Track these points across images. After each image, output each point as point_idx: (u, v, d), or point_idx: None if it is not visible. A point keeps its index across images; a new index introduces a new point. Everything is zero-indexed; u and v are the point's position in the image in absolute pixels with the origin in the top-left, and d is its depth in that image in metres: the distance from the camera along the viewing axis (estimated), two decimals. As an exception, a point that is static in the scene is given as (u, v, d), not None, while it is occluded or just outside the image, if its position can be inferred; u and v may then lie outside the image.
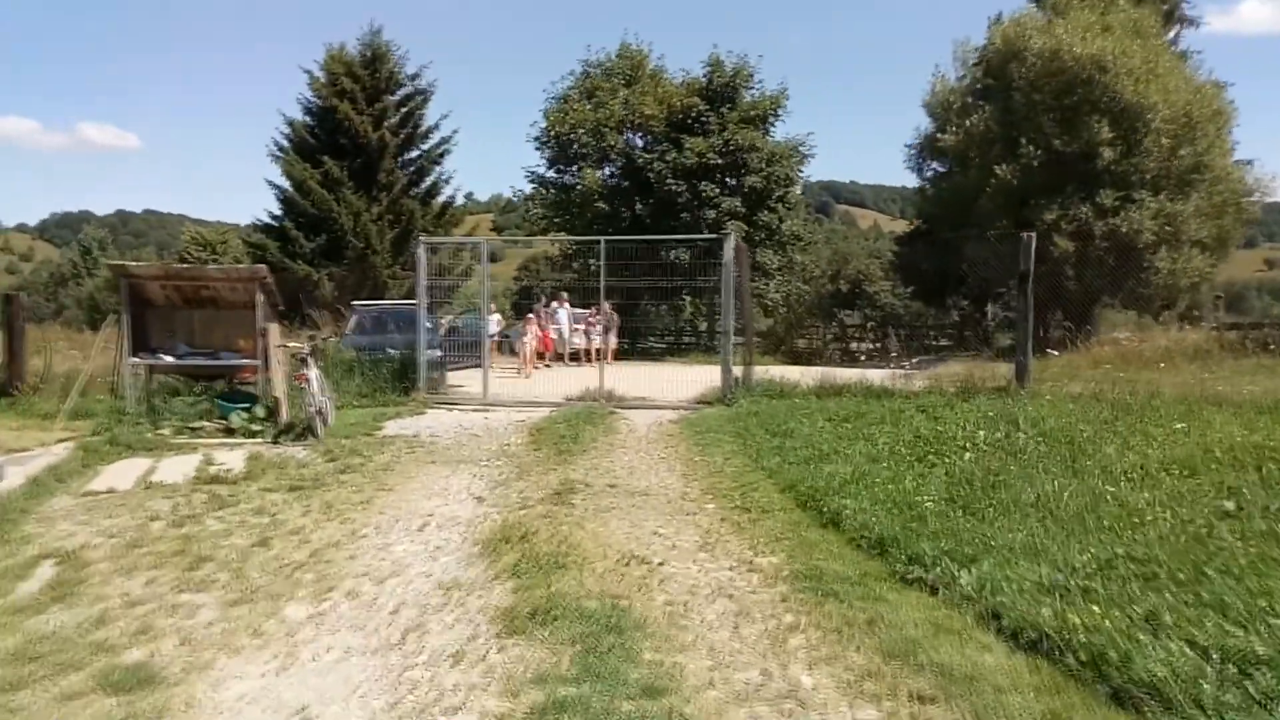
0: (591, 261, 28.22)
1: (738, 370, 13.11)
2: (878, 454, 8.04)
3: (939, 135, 26.07)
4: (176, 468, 8.94)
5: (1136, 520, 5.14)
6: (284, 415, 11.14)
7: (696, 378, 14.72)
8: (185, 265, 11.99)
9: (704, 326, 35.48)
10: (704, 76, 29.75)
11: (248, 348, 11.89)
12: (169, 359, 11.34)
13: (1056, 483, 6.15)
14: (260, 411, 11.31)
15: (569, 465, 8.95)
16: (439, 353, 15.88)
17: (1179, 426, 7.89)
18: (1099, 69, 22.48)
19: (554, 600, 4.70)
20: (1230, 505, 5.38)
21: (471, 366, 16.30)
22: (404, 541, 6.29)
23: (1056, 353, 22.13)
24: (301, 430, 10.93)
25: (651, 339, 31.92)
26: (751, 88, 29.70)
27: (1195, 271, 24.52)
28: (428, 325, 15.19)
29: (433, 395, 14.16)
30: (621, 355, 21.33)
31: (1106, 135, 22.48)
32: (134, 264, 11.46)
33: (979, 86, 26.16)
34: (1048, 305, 27.86)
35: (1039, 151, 23.37)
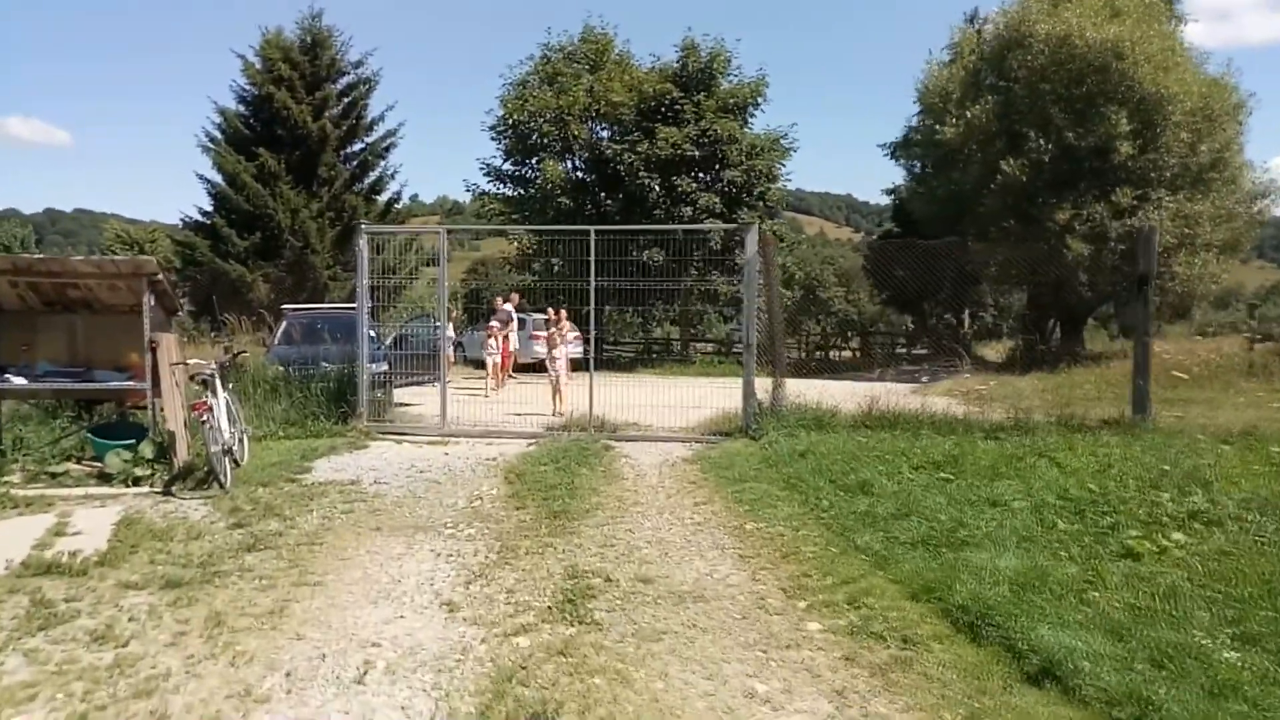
0: (554, 261, 25.60)
1: (762, 392, 10.62)
2: (1030, 530, 5.60)
3: (936, 127, 23.90)
4: (6, 541, 6.20)
5: None
6: (180, 456, 8.39)
7: (694, 398, 12.23)
8: (41, 256, 9.12)
9: (676, 334, 33.06)
10: (677, 61, 27.21)
11: (140, 364, 9.12)
12: (19, 380, 8.48)
13: None
14: (147, 450, 8.53)
15: (572, 537, 6.37)
16: (384, 367, 13.13)
17: None
18: (1115, 55, 20.41)
19: None
20: None
21: (423, 382, 13.60)
22: (331, 713, 3.69)
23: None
24: (203, 476, 8.21)
25: (612, 346, 29.43)
26: (730, 74, 27.28)
27: (1211, 278, 22.67)
28: (371, 334, 12.48)
29: (377, 423, 11.43)
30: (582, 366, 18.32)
31: (1125, 128, 20.43)
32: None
33: (979, 75, 24.02)
34: (1050, 312, 25.99)
35: (1049, 145, 21.29)
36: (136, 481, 8.16)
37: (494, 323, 17.88)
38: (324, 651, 4.35)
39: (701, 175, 26.55)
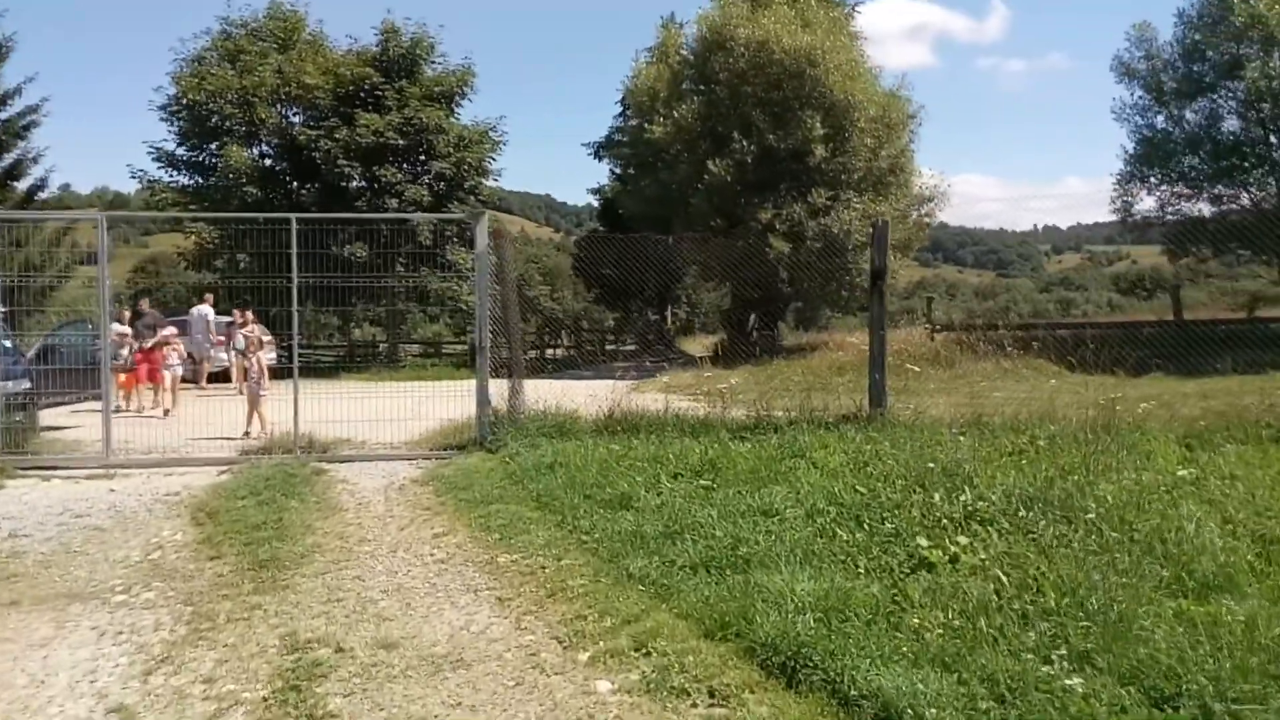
0: (241, 256, 22.97)
1: (496, 396, 9.71)
2: (812, 543, 5.19)
3: (645, 126, 24.10)
4: None
5: None
6: None
7: (412, 406, 11.06)
8: None
9: (378, 335, 31.08)
10: (377, 45, 25.43)
11: None
12: None
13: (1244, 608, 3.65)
14: None
15: (286, 593, 5.16)
16: (27, 384, 10.75)
17: (1183, 473, 5.90)
18: (809, 63, 21.56)
19: None
20: None
21: (80, 401, 11.34)
22: None
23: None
24: None
25: (310, 350, 27.14)
26: (434, 61, 25.91)
27: (890, 274, 24.63)
28: (7, 344, 10.16)
29: (16, 455, 9.20)
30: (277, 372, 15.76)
31: (819, 132, 21.71)
32: None
33: (681, 76, 24.54)
34: (752, 307, 27.18)
35: (751, 147, 22.12)
36: None
37: (171, 328, 15.49)
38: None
39: (407, 166, 25.04)
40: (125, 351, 14.08)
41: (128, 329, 15.01)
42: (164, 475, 8.79)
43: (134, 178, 26.61)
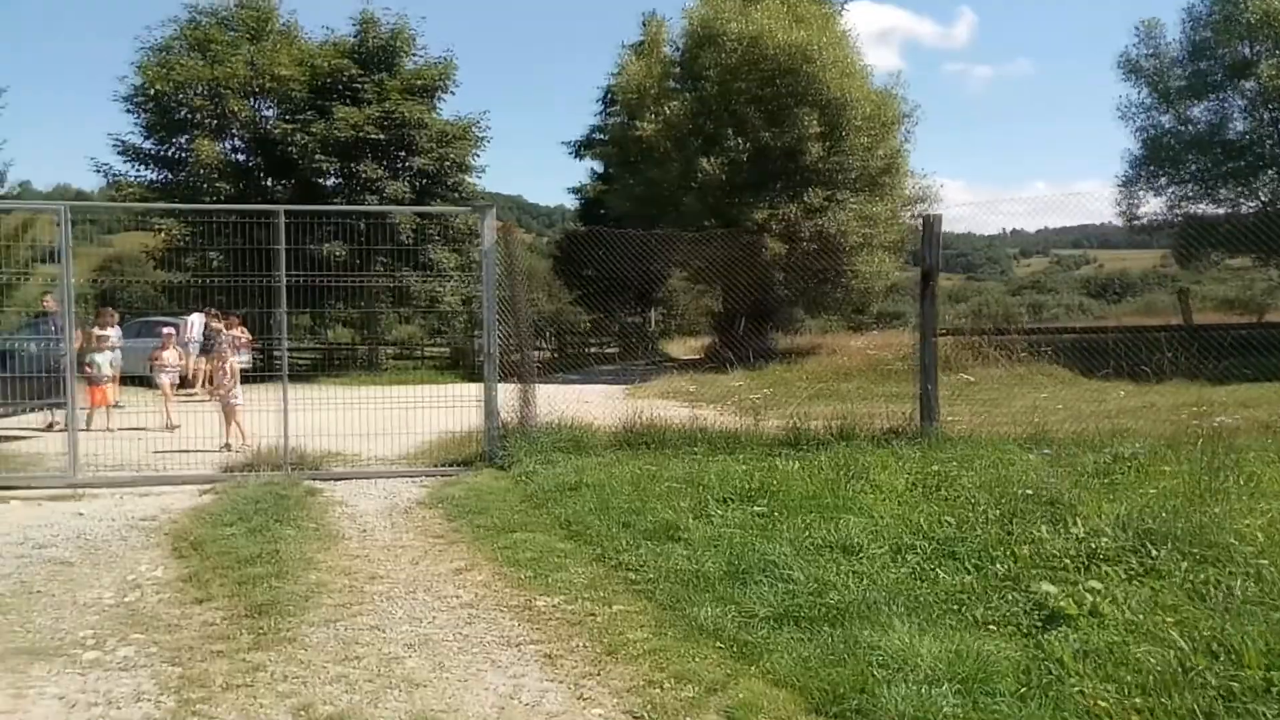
0: (213, 255, 21.95)
1: (505, 406, 8.89)
2: (912, 588, 4.46)
3: (635, 124, 23.34)
4: None
5: None
6: None
7: (402, 417, 10.21)
8: None
9: (348, 338, 30.05)
10: (354, 36, 24.48)
11: None
12: None
13: None
14: None
15: (292, 648, 4.35)
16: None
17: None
18: (804, 59, 21.01)
19: None
20: None
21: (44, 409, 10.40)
22: None
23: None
24: None
25: (289, 354, 26.06)
26: (415, 54, 25.01)
27: (887, 276, 24.14)
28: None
29: (-31, 472, 8.30)
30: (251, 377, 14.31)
31: (814, 130, 21.10)
32: None
33: (672, 74, 23.86)
34: (746, 310, 26.52)
35: (746, 145, 21.46)
36: None
37: (169, 330, 14.39)
38: None
39: (386, 162, 24.10)
40: (104, 359, 12.45)
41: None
42: (138, 496, 7.89)
43: (97, 171, 25.40)
